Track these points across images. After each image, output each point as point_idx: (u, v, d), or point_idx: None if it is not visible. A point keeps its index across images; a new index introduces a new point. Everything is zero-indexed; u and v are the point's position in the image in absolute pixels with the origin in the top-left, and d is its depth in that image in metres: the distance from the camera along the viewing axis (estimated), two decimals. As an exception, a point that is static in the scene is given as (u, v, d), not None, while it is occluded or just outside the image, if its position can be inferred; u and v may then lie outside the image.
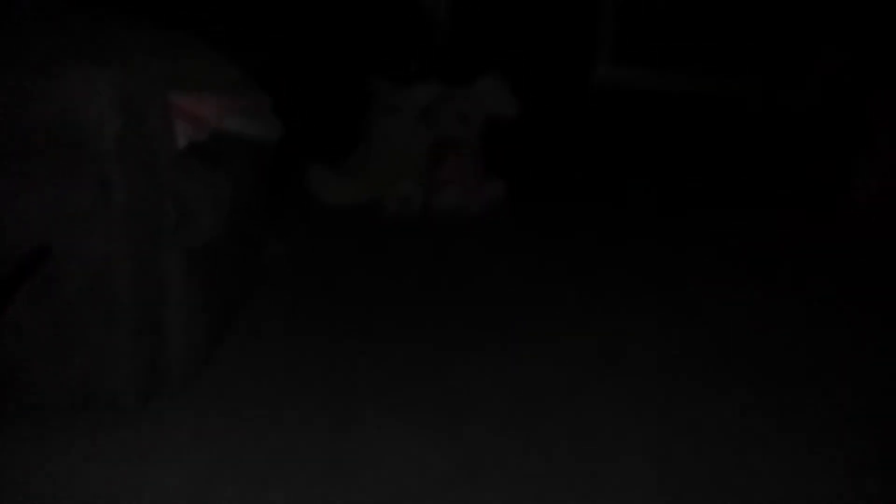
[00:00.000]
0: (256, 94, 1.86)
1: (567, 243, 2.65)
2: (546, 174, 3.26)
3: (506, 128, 3.04)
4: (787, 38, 3.79)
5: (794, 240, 2.78)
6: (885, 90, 3.20)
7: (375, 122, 3.02)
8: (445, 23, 3.62)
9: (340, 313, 2.05)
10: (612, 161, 3.47)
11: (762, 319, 2.12)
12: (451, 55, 3.52)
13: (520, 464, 1.47)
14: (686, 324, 2.07)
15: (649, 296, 2.23)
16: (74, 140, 1.35)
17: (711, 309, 2.17)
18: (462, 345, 1.91)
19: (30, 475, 1.39)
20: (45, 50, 1.39)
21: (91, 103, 1.34)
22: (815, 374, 1.84)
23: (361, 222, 2.78)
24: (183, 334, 1.62)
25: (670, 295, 2.25)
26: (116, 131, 1.36)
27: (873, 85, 3.25)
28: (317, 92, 3.15)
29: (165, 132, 1.52)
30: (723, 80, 3.93)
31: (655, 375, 1.80)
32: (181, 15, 2.02)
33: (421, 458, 1.48)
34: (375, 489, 1.39)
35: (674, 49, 3.97)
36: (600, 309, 2.14)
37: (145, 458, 1.45)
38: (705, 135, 3.65)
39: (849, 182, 3.19)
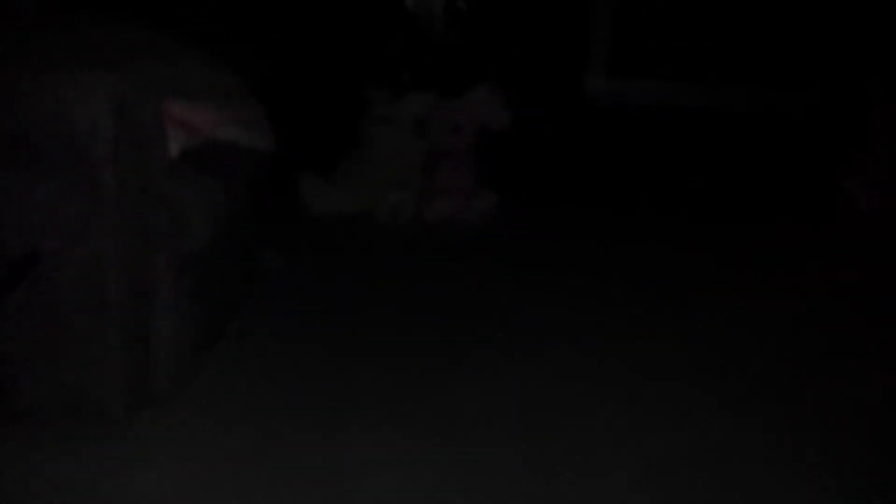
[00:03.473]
0: (251, 104, 1.86)
1: (561, 254, 2.64)
2: (538, 184, 3.25)
3: (497, 138, 3.04)
4: (789, 43, 3.81)
5: (796, 247, 2.78)
6: (885, 94, 3.19)
7: (368, 131, 3.01)
8: (439, 33, 3.63)
9: (332, 323, 2.04)
10: (604, 171, 3.47)
11: (766, 331, 2.12)
12: (445, 65, 3.53)
13: (516, 479, 1.46)
14: (688, 336, 2.06)
15: (649, 307, 2.23)
16: (68, 144, 1.35)
17: (714, 320, 2.16)
18: (455, 356, 1.90)
19: (14, 482, 1.37)
20: (42, 54, 1.39)
21: (85, 108, 1.33)
22: (819, 386, 1.84)
23: (352, 232, 2.77)
24: (172, 343, 1.61)
25: (671, 306, 2.24)
26: (110, 137, 1.35)
27: (874, 89, 3.24)
28: (310, 101, 3.14)
29: (159, 139, 1.51)
30: (722, 90, 3.94)
31: (657, 390, 1.79)
32: (178, 21, 2.01)
33: (415, 471, 1.47)
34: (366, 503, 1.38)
35: (669, 59, 3.98)
36: (598, 321, 2.13)
37: (131, 467, 1.43)
38: (701, 143, 3.67)
39: (849, 187, 3.19)
